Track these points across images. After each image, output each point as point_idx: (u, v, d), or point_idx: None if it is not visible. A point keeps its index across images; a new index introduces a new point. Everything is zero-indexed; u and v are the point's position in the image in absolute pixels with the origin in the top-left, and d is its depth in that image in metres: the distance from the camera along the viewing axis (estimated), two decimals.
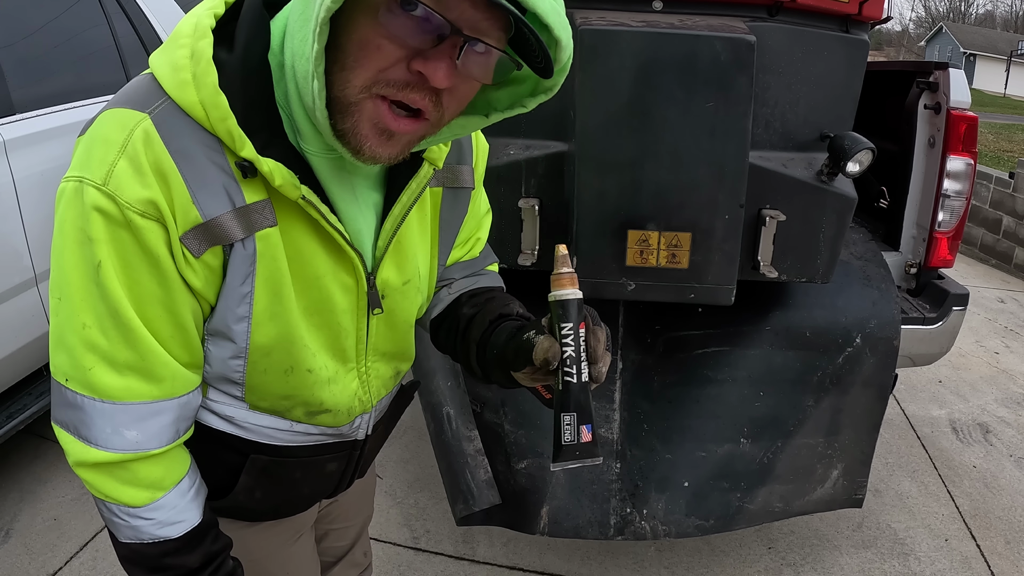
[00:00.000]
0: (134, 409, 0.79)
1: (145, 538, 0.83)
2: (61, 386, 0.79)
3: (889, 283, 2.10)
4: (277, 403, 0.91)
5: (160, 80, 0.73)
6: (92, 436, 0.79)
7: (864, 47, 1.73)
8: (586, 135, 1.56)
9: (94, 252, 0.72)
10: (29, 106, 2.53)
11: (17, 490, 2.65)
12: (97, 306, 0.75)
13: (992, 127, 14.60)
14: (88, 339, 0.76)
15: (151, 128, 0.71)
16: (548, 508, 1.85)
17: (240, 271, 0.77)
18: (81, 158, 0.73)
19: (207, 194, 0.73)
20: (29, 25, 2.67)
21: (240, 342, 0.82)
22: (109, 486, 0.81)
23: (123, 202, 0.71)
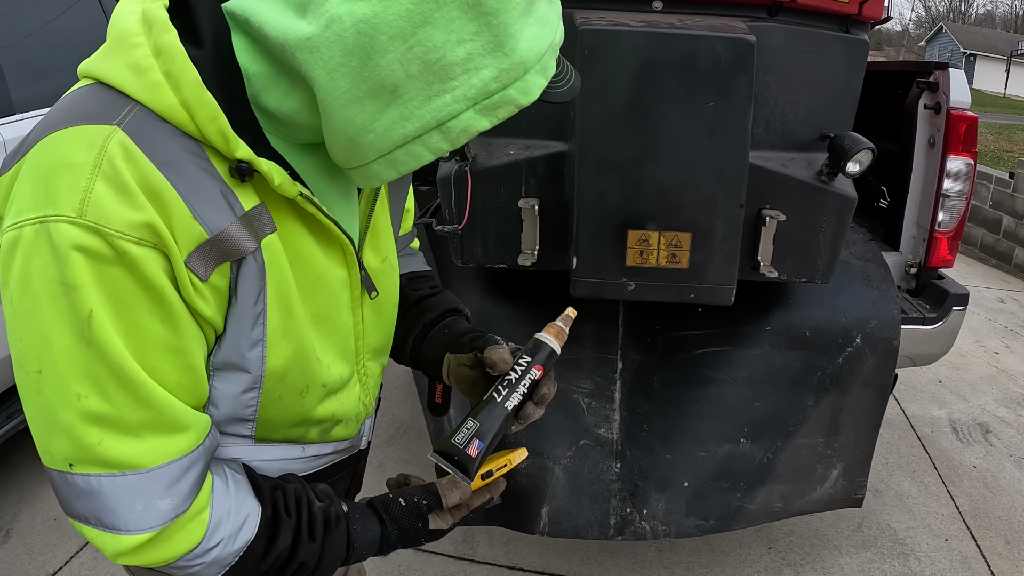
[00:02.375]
0: (164, 473, 0.67)
1: (230, 559, 0.73)
2: (66, 475, 0.65)
3: (889, 283, 2.10)
4: (291, 431, 0.84)
5: (119, 86, 0.64)
6: (119, 523, 0.66)
7: (864, 47, 1.73)
8: (586, 135, 1.56)
9: (80, 301, 0.60)
10: (29, 106, 2.53)
11: (17, 490, 2.65)
12: (92, 368, 0.62)
13: (992, 127, 14.59)
14: (87, 410, 0.63)
15: (127, 140, 0.61)
16: (548, 508, 1.85)
17: (252, 288, 0.69)
18: (31, 195, 0.60)
19: (208, 206, 0.64)
20: (29, 25, 2.67)
21: (255, 371, 0.74)
22: (160, 552, 0.69)
23: (111, 232, 0.59)
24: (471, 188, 1.72)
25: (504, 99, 0.65)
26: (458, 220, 1.77)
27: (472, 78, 0.62)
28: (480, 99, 0.63)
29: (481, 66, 0.62)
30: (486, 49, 0.61)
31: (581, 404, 1.94)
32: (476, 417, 0.82)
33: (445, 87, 0.62)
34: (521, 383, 0.85)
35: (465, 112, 0.64)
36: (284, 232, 0.72)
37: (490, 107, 0.65)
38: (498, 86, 0.63)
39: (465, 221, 1.76)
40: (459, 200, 1.76)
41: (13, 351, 0.64)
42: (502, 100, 0.65)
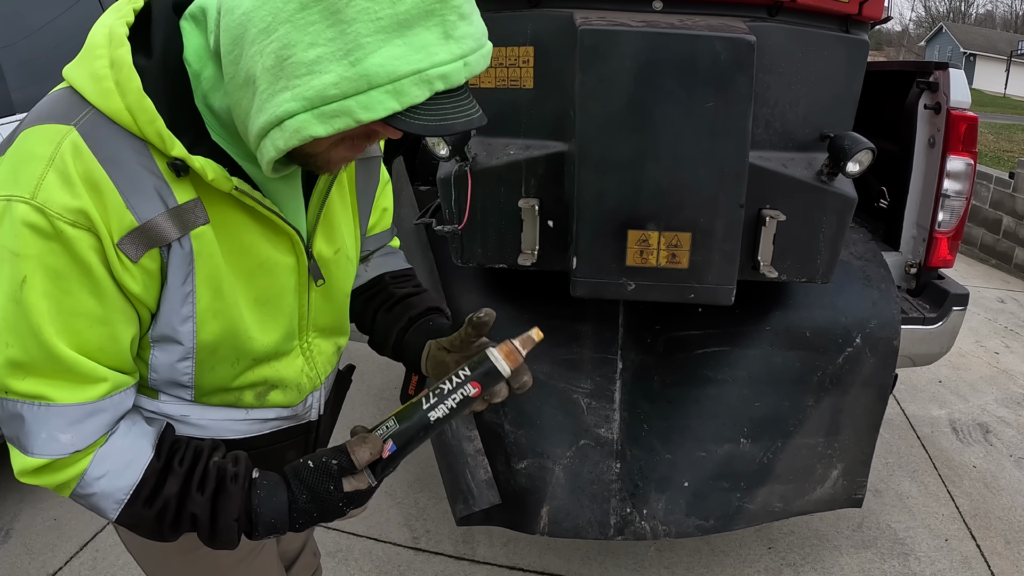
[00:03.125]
0: (69, 411, 0.77)
1: (121, 496, 0.81)
2: (2, 400, 0.77)
3: (889, 283, 2.10)
4: (227, 396, 0.92)
5: (81, 91, 0.74)
6: (29, 445, 0.78)
7: (864, 47, 1.73)
8: (586, 135, 1.56)
9: (19, 268, 0.71)
10: (29, 106, 2.52)
11: (17, 490, 2.65)
12: (17, 323, 0.73)
13: (992, 127, 14.59)
14: (11, 357, 0.74)
15: (78, 139, 0.71)
16: (548, 508, 1.85)
17: (180, 271, 0.79)
18: (5, 175, 0.72)
19: (140, 198, 0.74)
20: (29, 25, 2.67)
21: (187, 343, 0.83)
22: (53, 478, 0.80)
23: (52, 213, 0.70)
24: (471, 188, 1.72)
25: (342, 109, 0.66)
26: (458, 220, 1.77)
27: (313, 80, 0.65)
28: (318, 103, 0.66)
29: (325, 71, 0.64)
30: (334, 56, 0.64)
31: (581, 404, 1.94)
32: (398, 418, 0.85)
33: (288, 84, 0.66)
34: (451, 396, 0.86)
35: (302, 113, 0.67)
36: (222, 223, 0.80)
37: (327, 114, 0.66)
38: (337, 93, 0.65)
39: (465, 221, 1.76)
40: (459, 200, 1.76)
41: None
42: (340, 110, 0.66)
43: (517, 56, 1.70)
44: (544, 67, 1.69)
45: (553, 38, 1.65)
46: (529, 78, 1.71)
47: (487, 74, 1.72)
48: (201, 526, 0.84)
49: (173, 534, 0.84)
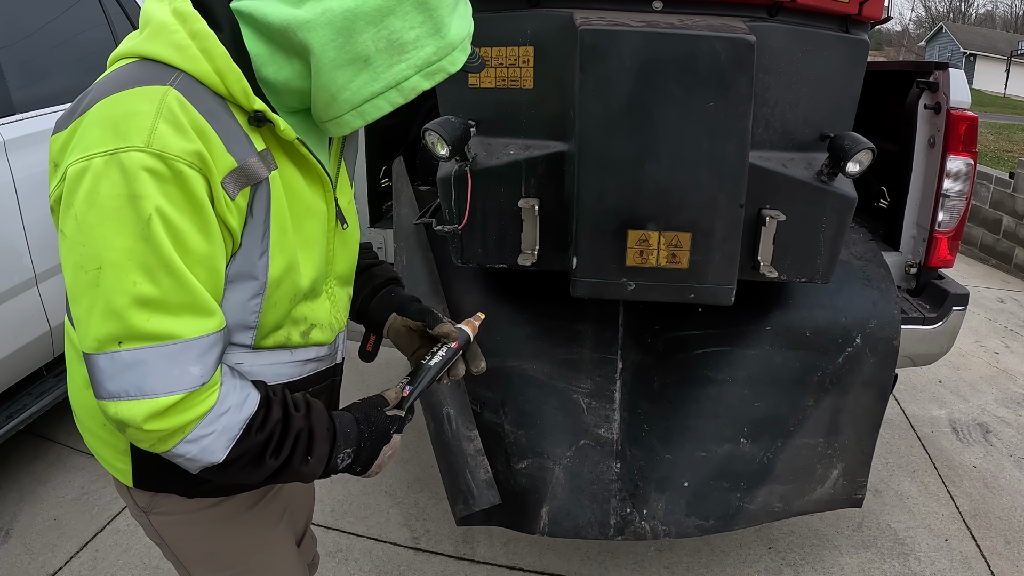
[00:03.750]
0: (196, 344, 0.86)
1: (235, 432, 0.90)
2: (113, 354, 0.83)
3: (889, 283, 2.10)
4: (279, 335, 1.02)
5: (165, 60, 0.86)
6: (160, 384, 0.84)
7: (864, 47, 1.73)
8: (586, 135, 1.56)
9: (143, 208, 0.80)
10: (29, 106, 2.53)
11: (17, 490, 2.65)
12: (147, 259, 0.81)
13: (992, 127, 14.59)
14: (140, 294, 0.81)
15: (179, 95, 0.83)
16: (548, 508, 1.85)
17: (262, 208, 0.91)
18: (102, 135, 0.81)
19: (234, 143, 0.87)
20: (29, 25, 2.67)
21: (261, 277, 0.94)
22: (181, 417, 0.86)
23: (170, 156, 0.80)
24: (471, 188, 1.72)
25: (439, 68, 0.93)
26: (458, 220, 1.77)
27: (419, 52, 0.90)
28: (424, 67, 0.92)
29: (425, 44, 0.91)
30: (428, 33, 0.90)
31: (581, 404, 1.94)
32: (410, 375, 1.13)
33: (402, 58, 0.90)
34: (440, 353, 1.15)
35: (414, 76, 0.92)
36: (282, 170, 0.95)
37: (430, 73, 0.93)
38: (436, 58, 0.92)
39: (465, 221, 1.76)
40: (459, 200, 1.76)
41: (73, 258, 0.83)
42: (438, 68, 0.93)
43: (517, 56, 1.70)
44: (544, 67, 1.69)
45: (553, 38, 1.65)
46: (529, 78, 1.71)
47: (487, 74, 1.72)
48: (300, 444, 0.96)
49: (274, 459, 0.94)
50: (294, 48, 0.88)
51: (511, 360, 1.97)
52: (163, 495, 1.11)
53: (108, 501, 2.59)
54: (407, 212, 2.20)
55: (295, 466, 0.97)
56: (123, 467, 1.09)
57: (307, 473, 0.98)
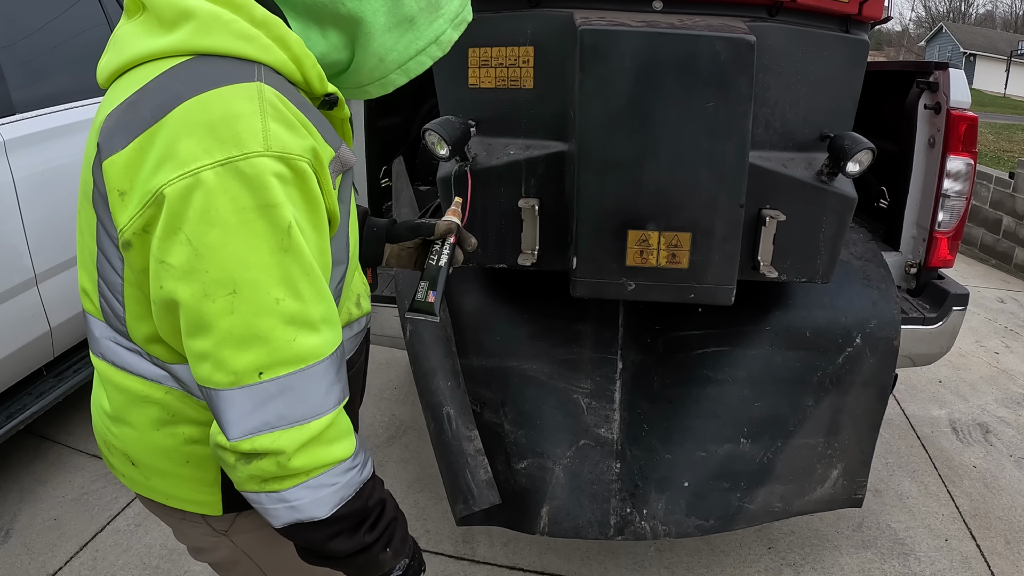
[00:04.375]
0: (333, 359, 0.82)
1: (351, 492, 0.86)
2: (254, 387, 0.76)
3: (889, 283, 2.10)
4: (344, 313, 1.01)
5: (236, 52, 0.78)
6: (307, 411, 0.79)
7: (864, 47, 1.73)
8: (586, 135, 1.56)
9: (281, 216, 0.74)
10: (29, 106, 2.53)
11: (17, 490, 2.65)
12: (289, 272, 0.76)
13: (992, 127, 14.60)
14: (285, 313, 0.76)
15: (273, 91, 0.77)
16: (548, 508, 1.85)
17: (347, 190, 0.93)
18: (202, 144, 0.73)
19: (327, 132, 0.85)
20: (29, 25, 2.67)
21: (346, 258, 0.94)
22: (326, 453, 0.82)
23: (293, 156, 0.75)
24: (471, 188, 1.72)
25: (463, 18, 0.97)
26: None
27: (450, 6, 0.94)
28: (454, 19, 0.95)
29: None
30: None
31: (581, 404, 1.94)
32: (425, 279, 1.17)
33: (439, 14, 0.93)
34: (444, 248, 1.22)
35: (448, 28, 0.94)
36: None
37: (458, 24, 0.96)
38: (460, 9, 0.96)
39: (465, 221, 1.76)
40: None
41: (191, 289, 0.74)
42: (462, 19, 0.97)
43: (517, 56, 1.70)
44: (544, 67, 1.69)
45: (553, 38, 1.65)
46: (529, 78, 1.71)
47: (487, 74, 1.72)
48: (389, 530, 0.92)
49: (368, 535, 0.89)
50: (337, 20, 0.86)
51: (511, 360, 1.97)
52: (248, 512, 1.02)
53: (108, 501, 2.59)
54: (407, 212, 2.20)
55: (375, 552, 0.90)
56: (210, 499, 1.00)
57: (373, 564, 0.92)
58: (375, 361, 3.59)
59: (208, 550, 1.10)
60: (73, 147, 2.62)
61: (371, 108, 2.38)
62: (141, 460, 0.99)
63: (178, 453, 0.96)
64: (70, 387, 2.64)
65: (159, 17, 0.80)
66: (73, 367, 2.74)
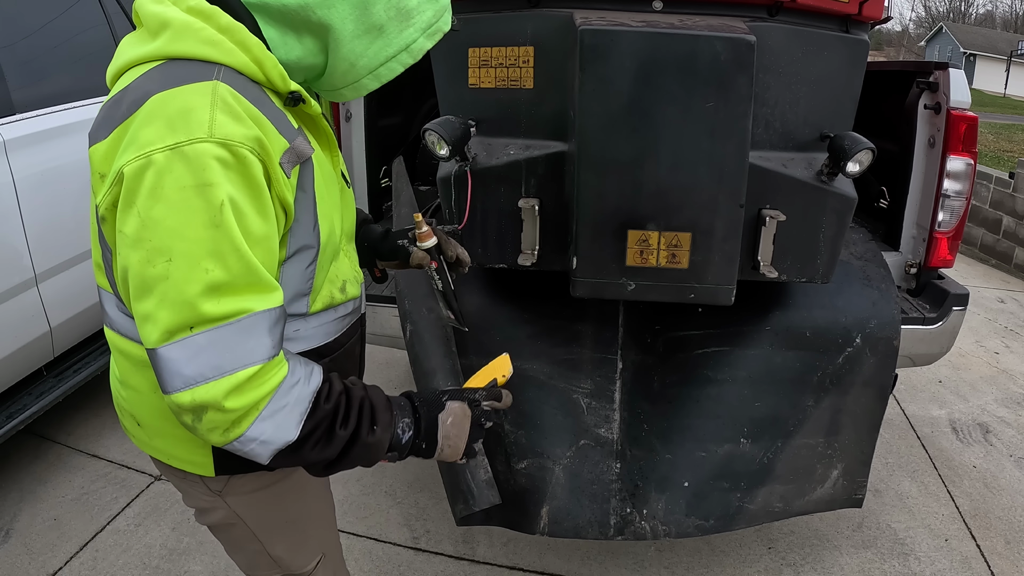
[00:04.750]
0: (266, 316, 0.90)
1: (305, 405, 0.95)
2: (186, 340, 0.86)
3: (889, 283, 2.10)
4: (325, 293, 1.10)
5: (200, 56, 0.90)
6: (236, 359, 0.88)
7: (864, 47, 1.73)
8: (586, 135, 1.56)
9: (215, 195, 0.84)
10: (29, 106, 2.53)
11: (17, 490, 2.65)
12: (219, 246, 0.85)
13: (992, 127, 14.60)
14: (212, 281, 0.85)
15: (227, 87, 0.88)
16: (548, 508, 1.85)
17: (309, 180, 0.99)
18: (159, 132, 0.84)
19: (283, 126, 0.94)
20: (29, 25, 2.67)
21: (315, 244, 1.02)
22: (259, 390, 0.90)
23: (234, 143, 0.85)
24: (471, 188, 1.72)
25: (437, 28, 1.04)
26: (458, 220, 1.77)
27: (422, 16, 1.02)
28: (426, 28, 1.03)
29: (426, 9, 1.02)
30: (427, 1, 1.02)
31: (581, 404, 1.94)
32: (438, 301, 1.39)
33: (409, 23, 1.01)
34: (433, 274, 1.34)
35: (420, 37, 1.02)
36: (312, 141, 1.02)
37: (431, 33, 1.04)
38: (434, 20, 1.03)
39: (465, 221, 1.76)
40: (459, 200, 1.76)
41: (137, 255, 0.85)
42: (436, 29, 1.04)
43: (517, 56, 1.70)
44: (544, 67, 1.69)
45: (553, 38, 1.65)
46: (529, 78, 1.71)
47: (487, 74, 1.72)
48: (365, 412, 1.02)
49: (344, 429, 0.99)
50: (310, 27, 0.96)
51: (511, 360, 1.97)
52: (240, 474, 1.14)
53: (108, 501, 2.59)
54: (407, 212, 2.20)
55: (363, 437, 1.01)
56: (203, 460, 1.11)
57: (375, 445, 1.02)
58: (375, 361, 3.58)
59: (207, 511, 1.22)
60: (73, 147, 2.62)
61: (371, 108, 2.38)
62: (144, 421, 1.12)
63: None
64: (70, 387, 2.64)
65: (148, 28, 0.94)
66: (73, 367, 2.74)
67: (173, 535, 2.43)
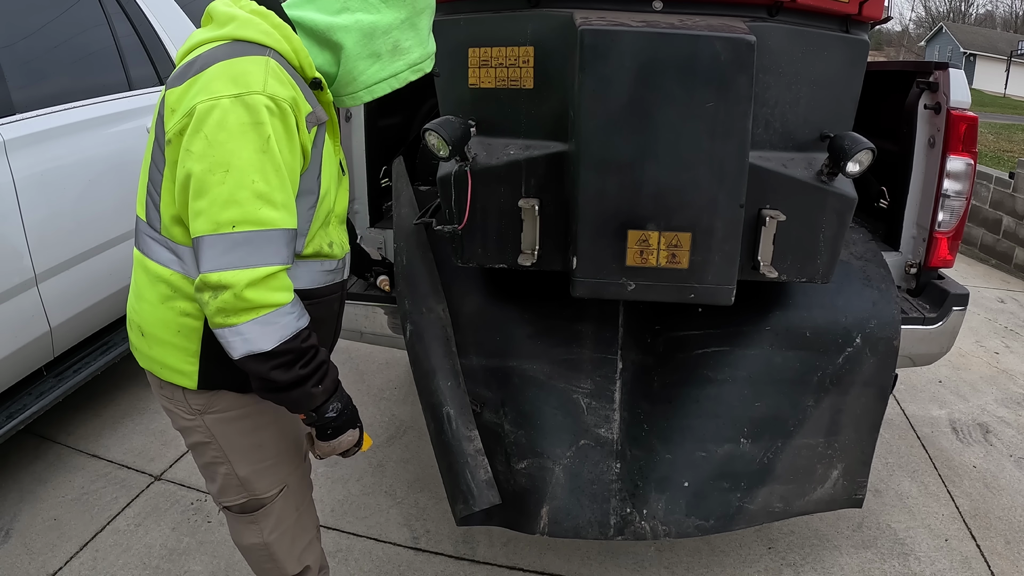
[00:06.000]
0: (286, 234, 1.22)
1: (289, 332, 1.23)
2: (227, 235, 1.17)
3: (889, 283, 2.10)
4: (315, 244, 1.39)
5: (258, 40, 1.25)
6: (261, 259, 1.18)
7: (864, 47, 1.73)
8: (586, 135, 1.56)
9: (264, 131, 1.18)
10: (29, 106, 2.53)
11: (17, 490, 2.65)
12: (265, 166, 1.18)
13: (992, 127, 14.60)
14: (257, 190, 1.17)
15: (275, 62, 1.24)
16: (548, 508, 1.85)
17: (320, 141, 1.34)
18: (227, 84, 1.18)
19: (309, 97, 1.30)
20: (29, 25, 2.67)
21: (316, 191, 1.34)
22: (269, 295, 1.20)
23: (279, 98, 1.20)
24: (471, 188, 1.72)
25: (420, 68, 1.41)
26: (458, 220, 1.77)
27: (411, 55, 1.39)
28: (412, 65, 1.40)
29: (415, 50, 1.39)
30: (417, 44, 1.39)
31: (581, 404, 1.94)
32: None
33: (400, 58, 1.38)
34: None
35: (406, 71, 1.39)
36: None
37: (415, 70, 1.40)
38: (419, 61, 1.40)
39: (465, 221, 1.76)
40: (459, 200, 1.76)
41: (201, 166, 1.17)
42: (419, 68, 1.41)
43: (517, 56, 1.70)
44: (544, 67, 1.69)
45: (553, 38, 1.65)
46: (529, 78, 1.71)
47: (487, 74, 1.72)
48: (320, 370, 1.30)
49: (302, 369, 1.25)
50: (329, 44, 1.33)
51: (511, 360, 1.97)
52: (220, 394, 1.41)
53: (108, 501, 2.59)
54: (407, 212, 2.20)
55: (308, 386, 1.27)
56: (190, 369, 1.37)
57: (308, 397, 1.29)
58: (375, 361, 3.58)
59: (188, 430, 1.48)
60: (73, 147, 2.62)
61: (371, 108, 2.38)
62: (148, 330, 1.39)
63: (174, 323, 1.35)
64: (70, 387, 2.64)
65: (217, 21, 1.30)
66: (73, 367, 2.74)
67: (173, 535, 2.43)
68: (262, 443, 1.50)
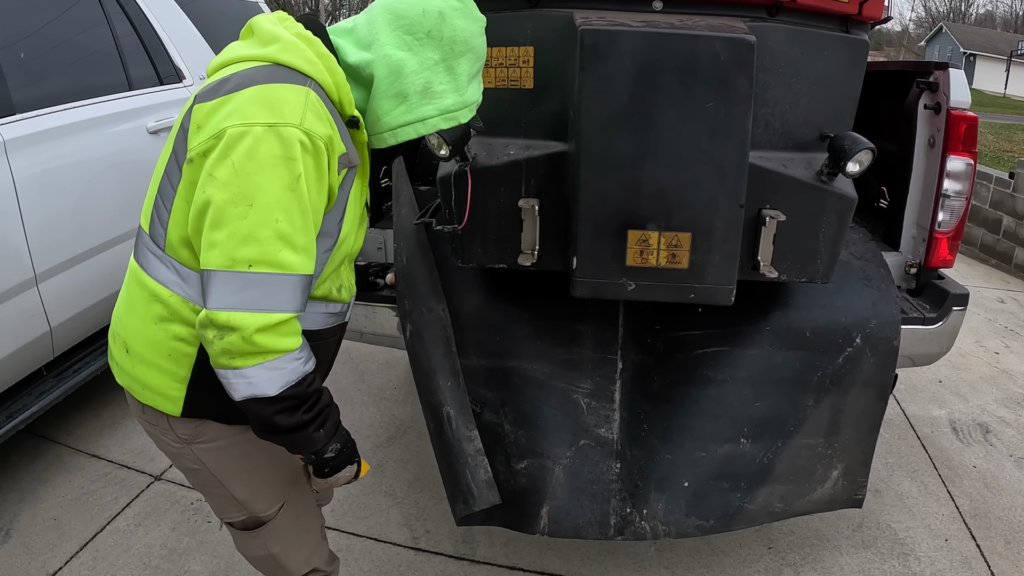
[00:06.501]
0: (303, 280, 1.14)
1: (295, 378, 1.15)
2: (242, 274, 1.08)
3: (889, 283, 2.10)
4: (325, 287, 1.33)
5: (300, 69, 1.17)
6: (274, 304, 1.10)
7: (864, 47, 1.73)
8: (586, 135, 1.56)
9: (296, 167, 1.10)
10: (29, 106, 2.53)
11: (17, 490, 2.65)
12: (291, 205, 1.10)
13: (992, 127, 14.61)
14: (280, 230, 1.09)
15: (315, 95, 1.16)
16: (548, 508, 1.85)
17: (348, 183, 1.26)
18: (262, 111, 1.10)
19: (344, 136, 1.22)
20: (29, 25, 2.67)
21: (335, 235, 1.27)
22: (278, 341, 1.12)
23: (316, 135, 1.12)
24: (471, 188, 1.72)
25: (454, 116, 1.29)
26: (458, 220, 1.77)
27: (443, 100, 1.27)
28: (444, 112, 1.27)
29: (448, 96, 1.27)
30: (452, 90, 1.27)
31: (581, 404, 1.94)
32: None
33: (430, 102, 1.26)
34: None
35: (435, 117, 1.27)
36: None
37: (448, 118, 1.28)
38: (454, 109, 1.28)
39: (465, 221, 1.76)
40: (459, 200, 1.76)
41: (223, 195, 1.08)
42: (453, 116, 1.29)
43: (517, 56, 1.70)
44: (544, 67, 1.69)
45: (553, 38, 1.65)
46: (529, 78, 1.71)
47: (487, 74, 1.72)
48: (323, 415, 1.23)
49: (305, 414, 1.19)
50: (363, 80, 1.25)
51: (511, 360, 1.97)
52: (206, 424, 1.33)
53: (108, 501, 2.59)
54: (407, 212, 2.20)
55: (309, 431, 1.21)
56: (176, 395, 1.28)
57: (309, 441, 1.23)
58: (375, 361, 3.58)
59: (175, 456, 1.41)
60: (73, 147, 2.62)
61: None
62: (135, 348, 1.29)
63: (165, 346, 1.25)
64: (70, 387, 2.64)
65: (260, 39, 1.22)
66: (73, 367, 2.74)
67: (173, 535, 2.43)
68: (257, 467, 1.44)
